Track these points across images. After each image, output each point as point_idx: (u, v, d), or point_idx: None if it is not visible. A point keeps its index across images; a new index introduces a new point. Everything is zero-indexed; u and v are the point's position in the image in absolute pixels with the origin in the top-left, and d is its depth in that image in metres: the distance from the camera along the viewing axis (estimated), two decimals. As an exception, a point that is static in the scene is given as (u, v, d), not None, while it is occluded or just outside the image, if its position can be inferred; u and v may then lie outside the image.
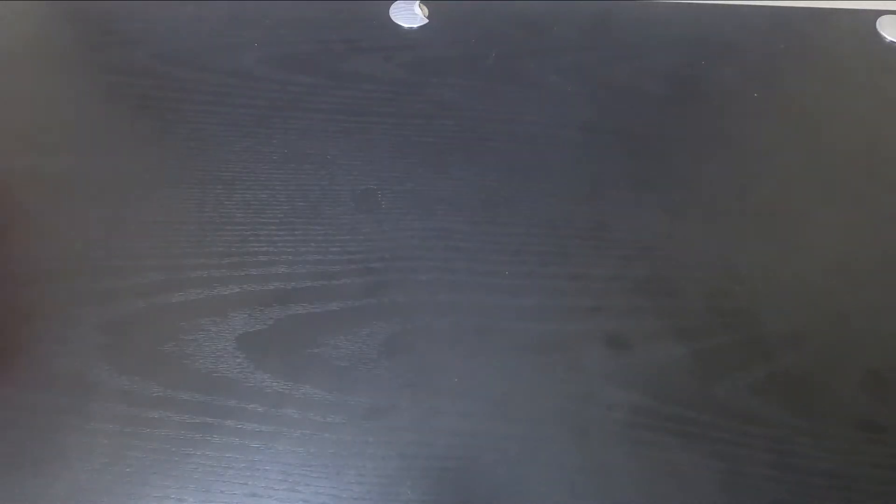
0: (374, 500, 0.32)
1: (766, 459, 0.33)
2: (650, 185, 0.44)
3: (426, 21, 0.55)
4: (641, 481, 0.32)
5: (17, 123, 0.47)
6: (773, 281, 0.39)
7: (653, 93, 0.50)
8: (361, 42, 0.53)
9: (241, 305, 0.38)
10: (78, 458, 0.33)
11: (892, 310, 0.38)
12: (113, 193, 0.43)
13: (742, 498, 0.32)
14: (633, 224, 0.42)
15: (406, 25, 0.54)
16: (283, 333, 0.37)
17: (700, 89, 0.50)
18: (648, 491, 0.32)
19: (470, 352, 0.36)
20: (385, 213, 0.42)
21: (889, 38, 0.53)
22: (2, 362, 0.36)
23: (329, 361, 0.36)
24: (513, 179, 0.44)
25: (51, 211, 0.42)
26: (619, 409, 0.34)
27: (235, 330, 0.37)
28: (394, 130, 0.47)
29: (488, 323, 0.37)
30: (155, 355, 0.36)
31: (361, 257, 0.40)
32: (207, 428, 0.34)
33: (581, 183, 0.44)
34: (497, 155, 0.45)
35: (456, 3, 0.56)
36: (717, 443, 0.33)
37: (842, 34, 0.54)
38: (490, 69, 0.51)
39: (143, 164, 0.45)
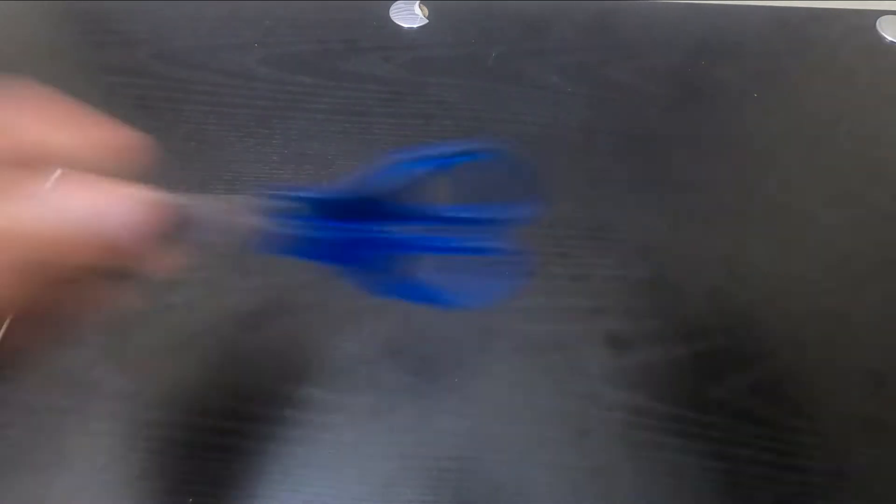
0: (374, 500, 0.32)
1: (766, 459, 0.33)
2: (650, 185, 0.44)
3: (426, 21, 0.55)
4: (641, 482, 0.32)
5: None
6: (773, 281, 0.39)
7: (653, 93, 0.50)
8: (361, 42, 0.53)
9: (241, 305, 0.38)
10: (78, 458, 0.33)
11: (892, 309, 0.38)
12: (113, 193, 0.43)
13: (742, 498, 0.32)
14: (633, 224, 0.42)
15: (406, 25, 0.54)
16: (284, 334, 0.37)
17: (700, 89, 0.50)
18: (649, 491, 0.32)
19: (470, 352, 0.36)
20: (385, 213, 0.42)
21: (889, 38, 0.53)
22: (2, 362, 0.36)
23: (329, 361, 0.36)
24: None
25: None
26: (620, 409, 0.34)
27: (236, 330, 0.37)
28: (394, 130, 0.47)
29: (488, 323, 0.37)
30: (155, 355, 0.36)
31: (361, 257, 0.40)
32: (207, 428, 0.34)
33: (581, 183, 0.44)
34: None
35: (456, 3, 0.56)
36: (717, 443, 0.33)
37: (842, 34, 0.54)
38: (490, 69, 0.51)
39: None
